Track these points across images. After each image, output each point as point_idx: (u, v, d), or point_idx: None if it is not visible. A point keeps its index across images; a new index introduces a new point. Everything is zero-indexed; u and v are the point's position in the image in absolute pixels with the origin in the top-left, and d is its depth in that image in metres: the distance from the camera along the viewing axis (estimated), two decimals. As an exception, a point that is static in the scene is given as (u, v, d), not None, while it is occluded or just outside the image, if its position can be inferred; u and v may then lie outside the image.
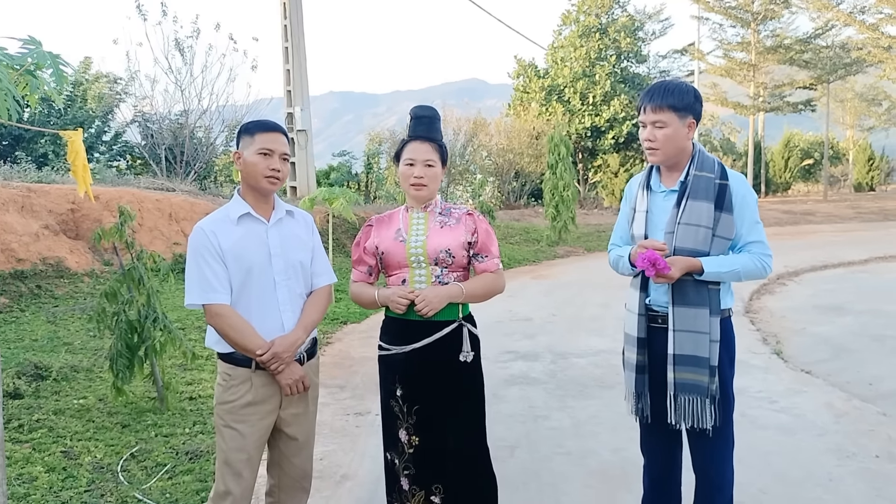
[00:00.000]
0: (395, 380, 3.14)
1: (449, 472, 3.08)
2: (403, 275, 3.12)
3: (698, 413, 2.94)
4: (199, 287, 2.88)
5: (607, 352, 7.27)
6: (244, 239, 2.94)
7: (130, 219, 5.26)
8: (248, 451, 2.94)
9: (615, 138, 28.98)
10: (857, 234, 19.83)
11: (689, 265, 2.89)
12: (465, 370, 3.11)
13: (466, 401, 3.13)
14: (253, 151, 2.94)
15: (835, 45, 29.74)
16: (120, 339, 5.28)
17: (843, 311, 9.26)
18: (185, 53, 18.55)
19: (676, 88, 2.94)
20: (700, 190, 2.94)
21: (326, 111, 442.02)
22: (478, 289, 3.14)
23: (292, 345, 2.95)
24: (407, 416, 3.11)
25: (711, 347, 2.91)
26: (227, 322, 2.87)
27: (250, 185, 2.99)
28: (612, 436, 4.91)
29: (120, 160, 20.00)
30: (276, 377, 2.93)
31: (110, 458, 4.56)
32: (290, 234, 3.08)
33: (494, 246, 3.22)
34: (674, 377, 2.97)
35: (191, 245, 2.93)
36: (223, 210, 3.02)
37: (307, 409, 3.12)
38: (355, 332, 8.52)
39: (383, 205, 21.01)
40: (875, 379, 6.33)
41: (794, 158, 40.92)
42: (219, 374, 3.01)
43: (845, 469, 4.30)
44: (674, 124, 2.92)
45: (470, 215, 3.20)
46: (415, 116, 3.21)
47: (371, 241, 3.21)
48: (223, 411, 2.95)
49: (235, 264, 2.91)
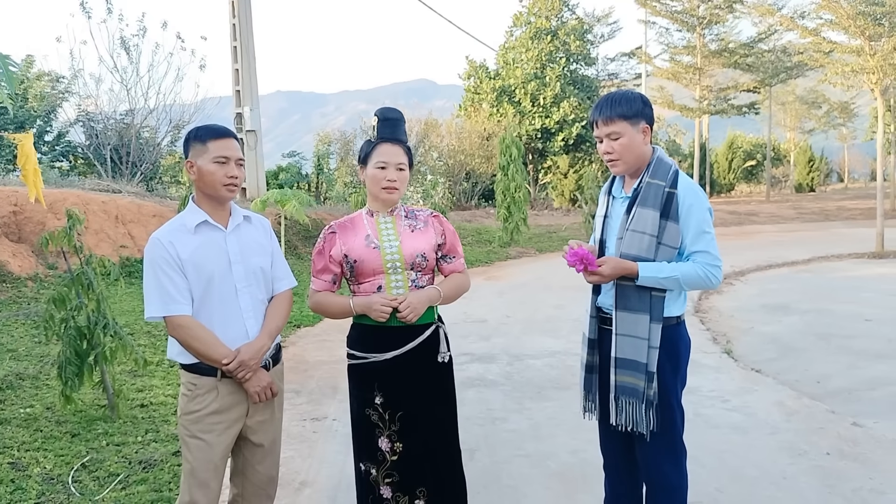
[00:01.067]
0: (372, 388, 3.07)
1: (430, 474, 3.07)
2: (378, 282, 3.06)
3: (635, 417, 2.98)
4: (159, 299, 2.82)
5: (563, 353, 7.32)
6: (203, 247, 2.89)
7: (79, 222, 5.11)
8: (214, 461, 2.89)
9: (565, 140, 29.23)
10: (800, 235, 20.35)
11: (623, 267, 2.92)
12: (442, 371, 3.12)
13: (445, 401, 3.14)
14: (208, 160, 2.88)
15: (776, 49, 30.50)
16: (69, 345, 5.13)
17: (789, 311, 9.48)
18: (130, 52, 18.20)
19: (623, 97, 2.98)
20: (649, 198, 2.97)
21: (274, 111, 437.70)
22: (452, 290, 3.17)
23: (258, 352, 2.91)
24: (389, 423, 3.06)
25: (650, 353, 2.94)
26: (191, 333, 2.83)
27: (207, 193, 2.93)
28: (570, 437, 4.94)
29: (63, 161, 19.49)
30: (244, 385, 2.90)
31: (60, 468, 4.43)
32: (249, 239, 3.03)
33: (460, 246, 3.25)
34: (615, 379, 3.02)
35: (148, 256, 2.87)
36: (179, 219, 2.96)
37: (273, 416, 3.09)
38: (309, 336, 8.44)
39: (333, 206, 20.88)
40: (822, 377, 6.49)
41: (737, 160, 41.86)
42: (182, 384, 2.95)
43: (798, 467, 4.40)
44: (627, 132, 2.96)
45: (435, 217, 3.20)
46: (382, 118, 3.14)
47: (337, 248, 3.12)
48: (188, 422, 2.89)
49: (195, 274, 2.85)
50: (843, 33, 16.02)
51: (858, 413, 5.42)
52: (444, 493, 3.10)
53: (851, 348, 7.45)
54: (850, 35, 15.69)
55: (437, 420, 3.10)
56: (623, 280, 2.97)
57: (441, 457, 3.11)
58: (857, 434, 4.95)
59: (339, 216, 18.48)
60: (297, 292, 10.21)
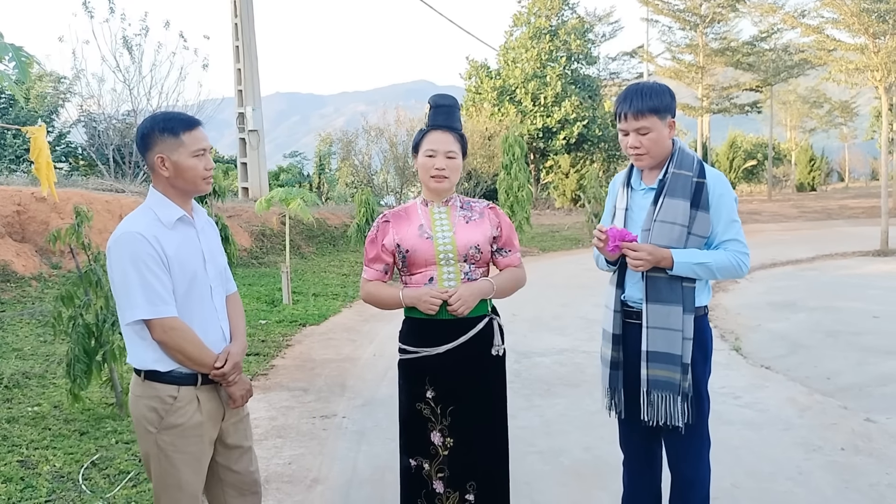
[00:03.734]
0: (424, 382, 3.01)
1: (483, 468, 3.03)
2: (430, 273, 3.00)
3: (670, 410, 2.93)
4: (145, 300, 2.56)
5: (571, 350, 7.30)
6: (184, 245, 2.70)
7: (87, 220, 5.08)
8: (202, 472, 2.77)
9: (566, 139, 29.23)
10: (803, 233, 20.35)
11: (659, 253, 2.87)
12: (495, 364, 3.06)
13: (497, 396, 3.09)
14: (186, 154, 2.66)
15: (778, 48, 30.50)
16: (77, 343, 5.10)
17: (796, 308, 9.46)
18: (133, 51, 18.19)
19: (653, 91, 2.93)
20: (677, 188, 2.93)
21: (273, 112, 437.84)
22: (507, 283, 3.10)
23: (243, 353, 2.83)
24: (441, 417, 3.00)
25: (684, 345, 2.91)
26: (183, 336, 2.62)
27: (183, 189, 2.72)
28: (582, 434, 4.91)
29: (64, 162, 19.47)
30: (229, 389, 2.75)
31: (70, 466, 4.40)
32: (212, 237, 2.89)
33: (516, 240, 3.18)
34: (647, 374, 2.96)
35: (128, 252, 2.57)
36: (147, 212, 2.69)
37: (245, 416, 2.96)
38: (315, 335, 8.41)
39: (335, 206, 20.86)
40: (833, 373, 6.46)
41: (738, 159, 41.87)
42: (151, 398, 2.66)
43: (813, 462, 4.37)
44: (657, 127, 2.91)
45: (492, 209, 3.13)
46: (434, 105, 3.07)
47: (390, 237, 3.05)
48: (173, 437, 2.66)
49: (179, 272, 2.65)
50: (847, 31, 16.01)
51: (871, 409, 5.39)
52: (494, 488, 3.06)
53: (860, 345, 7.42)
54: (854, 33, 15.68)
55: (489, 414, 3.05)
56: (653, 272, 2.92)
57: (491, 452, 3.06)
58: (871, 429, 4.92)
59: (342, 215, 18.40)
60: (299, 291, 10.22)
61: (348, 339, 8.05)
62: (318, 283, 12.07)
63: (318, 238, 16.06)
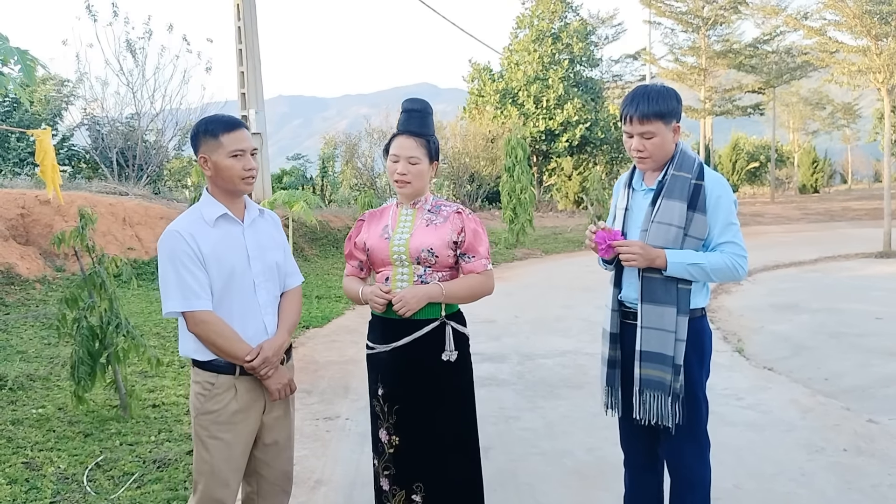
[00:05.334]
0: (377, 379, 3.12)
1: (430, 471, 3.04)
2: (387, 272, 3.09)
3: (661, 410, 2.96)
4: (180, 294, 2.75)
5: (573, 352, 7.30)
6: (223, 241, 2.84)
7: (91, 222, 5.10)
8: (236, 460, 2.85)
9: (569, 142, 29.24)
10: (806, 235, 20.33)
11: (652, 252, 2.89)
12: (448, 370, 3.05)
13: (450, 401, 3.08)
14: (224, 154, 2.80)
15: (780, 50, 30.48)
16: (81, 345, 5.12)
17: (799, 310, 9.45)
18: (136, 55, 18.22)
19: (660, 95, 2.92)
20: (675, 189, 2.95)
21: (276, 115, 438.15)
22: (460, 289, 3.06)
23: (280, 348, 2.89)
24: (387, 415, 3.07)
25: (677, 346, 2.92)
26: (214, 329, 2.77)
27: (224, 188, 2.88)
28: (585, 435, 4.92)
29: (67, 165, 19.50)
30: (265, 382, 2.86)
31: (74, 468, 4.41)
32: (265, 234, 3.00)
33: (483, 246, 3.12)
34: (640, 373, 2.99)
35: (166, 249, 2.79)
36: (195, 211, 2.89)
37: (287, 412, 3.06)
38: (318, 337, 8.43)
39: (338, 208, 20.87)
40: (835, 375, 6.46)
41: (740, 161, 41.84)
42: (196, 383, 2.87)
43: (816, 464, 4.37)
44: (661, 132, 2.92)
45: (458, 213, 3.12)
46: (405, 110, 3.13)
47: (361, 236, 3.18)
48: (207, 422, 2.82)
49: (217, 268, 2.80)
50: (849, 33, 16.01)
51: (873, 410, 5.39)
52: (442, 492, 3.05)
53: (863, 346, 7.42)
54: (856, 35, 15.67)
55: (440, 419, 3.04)
56: (648, 272, 2.95)
57: (446, 456, 3.05)
58: (873, 431, 4.93)
59: (345, 218, 18.41)
60: (305, 293, 10.18)
61: (351, 340, 8.06)
62: (321, 285, 12.09)
63: (322, 240, 16.08)
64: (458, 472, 3.10)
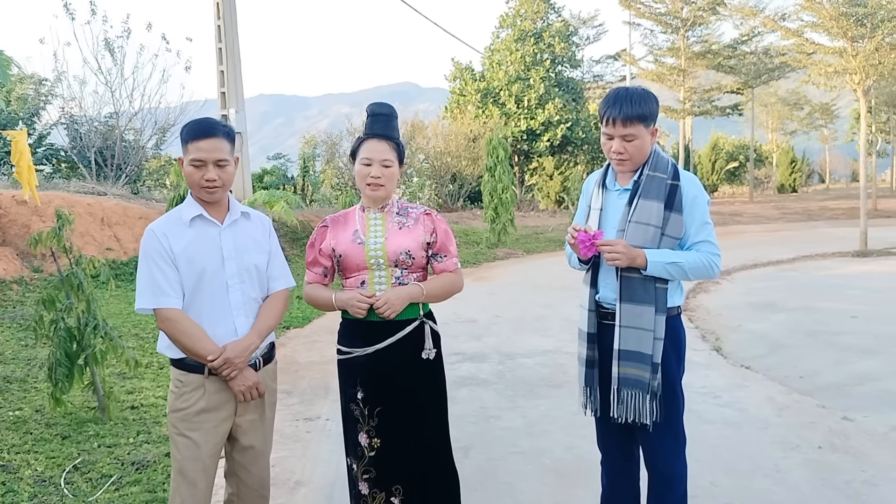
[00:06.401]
0: (355, 383, 3.09)
1: (409, 472, 3.06)
2: (362, 277, 3.09)
3: (639, 408, 3.00)
4: (150, 291, 2.81)
5: (553, 351, 7.34)
6: (196, 241, 2.87)
7: (69, 223, 5.07)
8: (202, 460, 2.85)
9: (550, 141, 29.30)
10: (784, 234, 20.51)
11: (633, 251, 2.92)
12: (427, 368, 3.10)
13: (430, 399, 3.12)
14: (187, 162, 2.85)
15: (758, 51, 30.75)
16: (59, 347, 5.08)
17: (776, 309, 9.55)
18: (115, 54, 18.09)
19: (641, 98, 2.96)
20: (652, 190, 2.99)
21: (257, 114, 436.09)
22: (437, 288, 3.14)
23: (245, 350, 2.87)
24: (368, 419, 3.07)
25: (655, 345, 2.96)
26: (178, 327, 2.81)
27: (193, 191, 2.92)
28: (564, 434, 4.95)
29: (45, 164, 19.32)
30: (229, 383, 2.87)
31: (52, 470, 4.39)
32: (246, 236, 3.00)
33: (453, 245, 3.21)
34: (618, 372, 3.03)
35: (142, 248, 2.86)
36: (176, 211, 2.94)
37: (263, 416, 3.05)
38: (299, 337, 8.41)
39: (320, 208, 20.82)
40: (811, 373, 6.54)
41: (720, 161, 42.19)
42: (171, 381, 2.93)
43: (791, 461, 4.43)
44: (642, 135, 2.96)
45: (428, 215, 3.19)
46: (371, 114, 3.14)
47: (327, 242, 3.16)
48: (176, 419, 2.87)
49: (187, 267, 2.84)
50: (826, 34, 16.18)
51: (848, 407, 5.46)
52: (427, 493, 3.09)
53: (839, 344, 7.51)
54: (833, 36, 15.84)
55: (420, 418, 3.09)
56: (627, 272, 2.98)
57: (425, 456, 3.10)
58: (848, 428, 5.00)
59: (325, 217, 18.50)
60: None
61: (332, 341, 7.96)
62: (301, 285, 12.04)
63: (303, 240, 16.01)
64: (437, 468, 3.14)
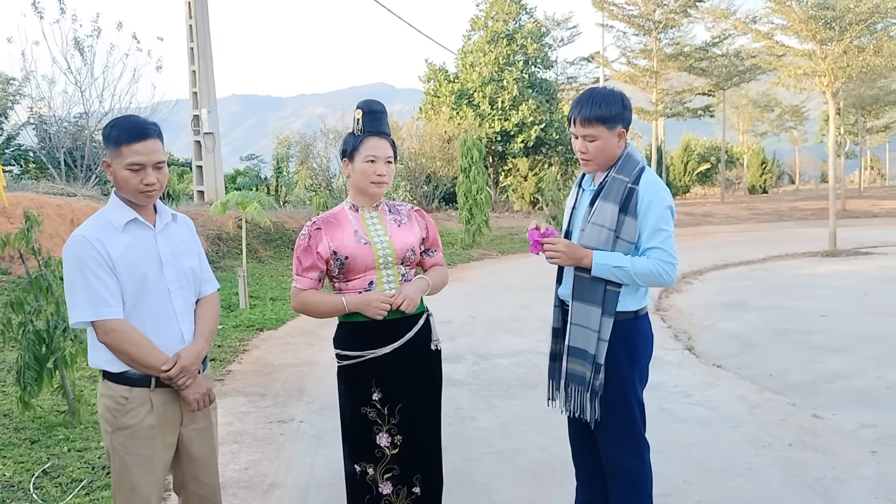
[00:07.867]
0: (370, 385, 3.02)
1: (425, 460, 3.12)
2: (370, 277, 3.01)
3: (580, 404, 3.06)
4: (88, 302, 2.60)
5: (528, 352, 7.36)
6: (133, 247, 2.70)
7: (37, 224, 4.99)
8: (156, 475, 2.74)
9: (524, 142, 29.41)
10: (755, 234, 20.75)
11: (579, 252, 2.98)
12: (434, 359, 3.16)
13: (437, 387, 3.20)
14: (122, 166, 2.66)
15: (730, 53, 31.12)
16: (27, 350, 5.00)
17: (747, 308, 9.66)
18: (84, 53, 17.85)
19: (604, 100, 2.97)
20: (611, 192, 3.01)
21: (229, 114, 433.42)
22: (438, 281, 3.21)
23: (198, 357, 2.77)
24: (389, 417, 3.03)
25: (599, 345, 2.99)
26: (126, 338, 2.63)
27: (125, 196, 2.75)
28: (539, 434, 4.97)
29: (13, 165, 19.03)
30: (183, 392, 2.73)
31: (20, 475, 4.32)
32: (178, 239, 2.88)
33: (439, 240, 3.30)
34: (566, 367, 3.10)
35: (72, 255, 2.63)
36: (102, 215, 2.73)
37: (210, 424, 2.93)
38: (272, 339, 8.36)
39: (293, 209, 20.71)
40: (782, 371, 6.61)
41: (692, 162, 42.58)
42: (107, 397, 2.71)
43: (762, 458, 4.48)
44: (603, 136, 2.98)
45: (417, 212, 3.23)
46: (368, 111, 3.09)
47: (325, 245, 3.01)
48: (124, 438, 2.68)
49: (128, 275, 2.66)
50: (795, 37, 16.39)
51: (818, 405, 5.54)
52: (434, 475, 3.17)
53: (809, 343, 7.61)
54: (802, 39, 16.06)
55: (432, 407, 3.16)
56: (580, 271, 3.03)
57: (433, 442, 3.18)
58: (818, 425, 5.06)
59: (300, 219, 18.28)
60: (257, 295, 10.10)
61: (306, 343, 8.02)
62: (275, 287, 11.99)
63: (276, 242, 15.93)
64: (439, 458, 3.23)
